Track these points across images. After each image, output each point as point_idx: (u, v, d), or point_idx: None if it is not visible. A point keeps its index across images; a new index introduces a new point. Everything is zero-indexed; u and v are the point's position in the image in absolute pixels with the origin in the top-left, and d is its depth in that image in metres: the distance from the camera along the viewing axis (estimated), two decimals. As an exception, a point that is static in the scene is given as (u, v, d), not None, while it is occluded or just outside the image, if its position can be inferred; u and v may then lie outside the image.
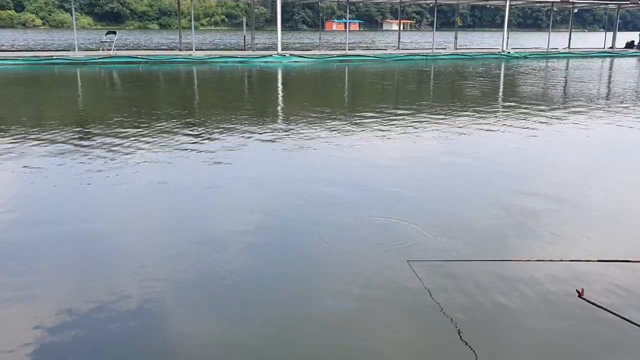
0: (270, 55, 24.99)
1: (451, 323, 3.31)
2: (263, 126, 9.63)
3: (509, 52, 29.69)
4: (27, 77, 19.08)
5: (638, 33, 37.20)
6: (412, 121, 10.15)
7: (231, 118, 10.60)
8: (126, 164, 6.87)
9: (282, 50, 25.59)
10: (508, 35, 30.89)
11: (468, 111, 11.47)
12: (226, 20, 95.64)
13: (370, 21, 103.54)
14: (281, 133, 9.03)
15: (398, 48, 31.78)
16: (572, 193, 5.85)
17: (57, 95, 14.87)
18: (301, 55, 25.94)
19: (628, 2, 36.10)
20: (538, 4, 45.37)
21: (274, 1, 25.61)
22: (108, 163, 6.90)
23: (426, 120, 10.31)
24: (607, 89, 16.71)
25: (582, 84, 17.56)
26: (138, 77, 19.63)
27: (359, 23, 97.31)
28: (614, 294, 3.66)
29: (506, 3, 30.29)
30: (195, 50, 26.10)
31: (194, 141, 8.26)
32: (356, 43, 43.26)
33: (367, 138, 8.67)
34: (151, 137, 8.46)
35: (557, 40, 34.98)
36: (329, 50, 31.14)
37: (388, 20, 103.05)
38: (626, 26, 75.45)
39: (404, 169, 6.87)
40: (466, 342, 3.12)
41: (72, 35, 28.15)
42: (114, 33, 25.77)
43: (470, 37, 57.50)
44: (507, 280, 3.84)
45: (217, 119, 10.46)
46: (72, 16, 27.85)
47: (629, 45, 34.85)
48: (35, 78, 18.90)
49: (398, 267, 3.98)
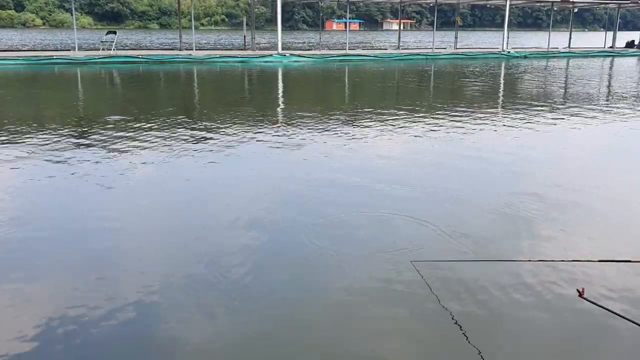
0: (270, 55, 24.99)
1: (452, 322, 3.31)
2: (263, 126, 9.63)
3: (510, 52, 29.68)
4: (28, 77, 19.08)
5: (639, 33, 37.21)
6: (413, 121, 10.15)
7: (231, 118, 10.59)
8: (126, 164, 6.86)
9: (283, 50, 25.58)
10: (508, 34, 30.88)
11: (468, 111, 11.45)
12: (226, 20, 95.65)
13: (370, 21, 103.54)
14: (281, 132, 9.02)
15: (398, 48, 31.77)
16: (573, 193, 5.84)
17: (58, 95, 14.86)
18: (301, 55, 25.94)
19: (628, 2, 36.05)
20: (538, 4, 45.42)
21: (274, 1, 25.60)
22: (108, 163, 6.90)
23: (426, 120, 10.31)
24: (608, 89, 16.70)
25: (583, 84, 17.55)
26: (138, 77, 19.62)
27: (359, 23, 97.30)
28: (615, 294, 3.66)
29: (506, 3, 30.26)
30: (195, 50, 26.11)
31: (194, 141, 8.26)
32: (357, 43, 43.24)
33: (367, 138, 8.67)
34: (151, 137, 8.45)
35: (558, 39, 34.95)
36: (329, 50, 31.14)
37: (388, 19, 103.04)
38: (626, 26, 75.39)
39: (404, 169, 6.87)
40: (469, 341, 3.13)
41: (73, 35, 28.15)
42: (114, 33, 25.77)
43: (470, 37, 57.49)
44: (508, 280, 3.84)
45: (217, 119, 10.44)
46: (72, 16, 27.86)
47: (630, 44, 34.85)
48: (35, 78, 18.90)
49: (402, 267, 3.98)
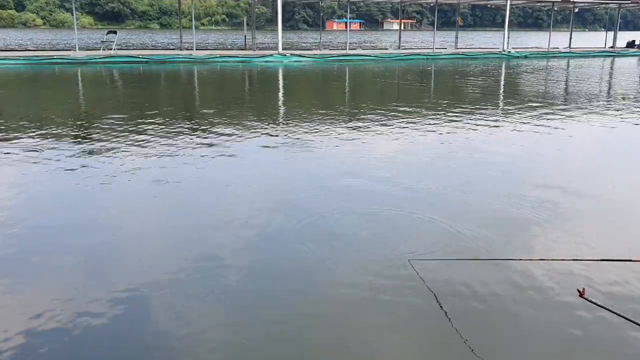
0: (271, 54, 24.99)
1: (450, 322, 3.31)
2: (263, 125, 9.63)
3: (510, 52, 29.67)
4: (28, 77, 19.08)
5: None
6: (413, 120, 10.14)
7: (231, 117, 10.59)
8: (126, 163, 6.86)
9: (283, 49, 25.58)
10: (509, 34, 30.87)
11: (468, 110, 11.45)
12: (227, 19, 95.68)
13: (370, 21, 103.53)
14: (282, 132, 9.02)
15: (399, 47, 31.76)
16: (574, 193, 5.83)
17: (58, 94, 14.86)
18: (302, 54, 25.93)
19: (629, 2, 36.04)
20: (539, 4, 45.40)
21: (275, 1, 25.59)
22: (108, 162, 6.90)
23: (426, 119, 10.30)
24: (608, 89, 16.70)
25: (583, 84, 17.54)
26: (139, 77, 19.63)
27: (360, 22, 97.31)
28: (615, 294, 3.66)
29: (507, 2, 30.25)
30: (196, 49, 26.11)
31: (194, 141, 8.26)
32: (358, 43, 43.23)
33: (368, 137, 8.66)
34: (151, 137, 8.45)
35: (558, 39, 34.93)
36: (330, 49, 31.13)
37: (389, 19, 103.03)
38: (627, 26, 75.42)
39: (404, 169, 6.87)
40: (465, 340, 3.12)
41: (73, 35, 28.15)
42: (115, 33, 25.77)
43: (471, 37, 57.46)
44: (508, 279, 3.84)
45: (218, 119, 10.44)
46: (73, 16, 27.86)
47: (630, 44, 34.84)
48: (35, 78, 18.90)
49: (400, 265, 3.98)
